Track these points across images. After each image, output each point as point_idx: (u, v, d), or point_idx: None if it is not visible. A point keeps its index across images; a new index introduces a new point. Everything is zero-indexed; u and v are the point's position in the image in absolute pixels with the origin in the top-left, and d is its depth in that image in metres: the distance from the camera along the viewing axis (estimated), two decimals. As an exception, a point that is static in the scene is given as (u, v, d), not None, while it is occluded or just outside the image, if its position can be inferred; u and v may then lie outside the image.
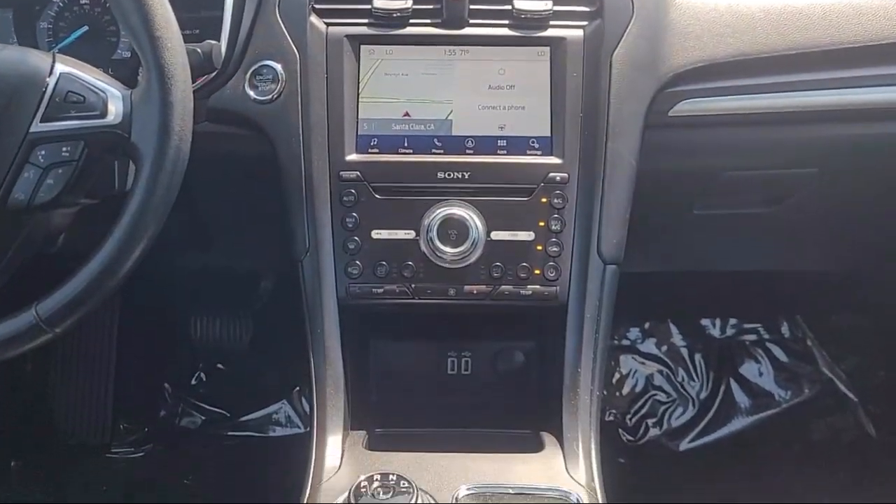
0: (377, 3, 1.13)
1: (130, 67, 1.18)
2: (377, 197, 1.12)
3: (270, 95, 1.14)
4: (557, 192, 1.12)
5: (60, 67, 0.89)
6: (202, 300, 1.98)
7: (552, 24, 1.14)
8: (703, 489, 1.82)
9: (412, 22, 1.15)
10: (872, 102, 1.23)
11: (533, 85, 1.15)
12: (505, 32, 1.15)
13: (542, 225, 1.12)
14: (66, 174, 0.88)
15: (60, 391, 1.92)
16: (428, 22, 1.15)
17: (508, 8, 1.14)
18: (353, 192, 1.12)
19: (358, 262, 1.12)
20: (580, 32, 1.14)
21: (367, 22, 1.15)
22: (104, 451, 1.92)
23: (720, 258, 1.80)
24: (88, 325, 1.91)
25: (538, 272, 1.12)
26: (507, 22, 1.15)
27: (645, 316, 2.09)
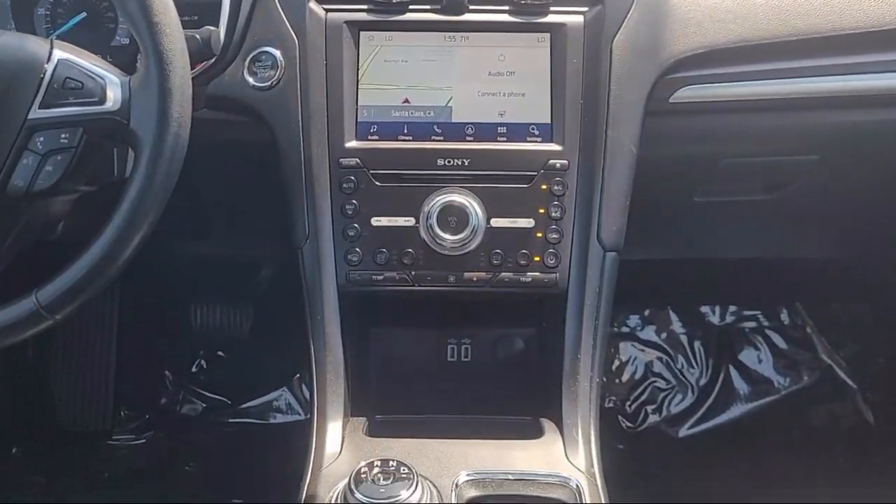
0: (377, -12, 1.13)
1: (129, 54, 1.17)
2: (377, 184, 1.12)
3: (269, 82, 1.13)
4: (557, 178, 1.12)
5: (58, 54, 0.89)
6: (202, 288, 1.98)
7: (552, 10, 1.14)
8: (702, 475, 1.83)
9: (412, 8, 1.14)
10: (874, 89, 1.22)
11: (533, 71, 1.14)
12: (505, 18, 1.14)
13: (542, 212, 1.12)
14: (64, 161, 0.87)
15: (61, 379, 1.92)
16: (427, 8, 1.15)
17: (508, -6, 1.14)
18: (352, 179, 1.12)
19: (358, 249, 1.12)
20: (580, 18, 1.14)
21: (366, 8, 1.14)
22: (105, 438, 1.93)
23: (720, 245, 1.80)
24: (89, 313, 1.92)
25: (538, 259, 1.12)
26: (507, 8, 1.14)
27: (645, 303, 2.09)
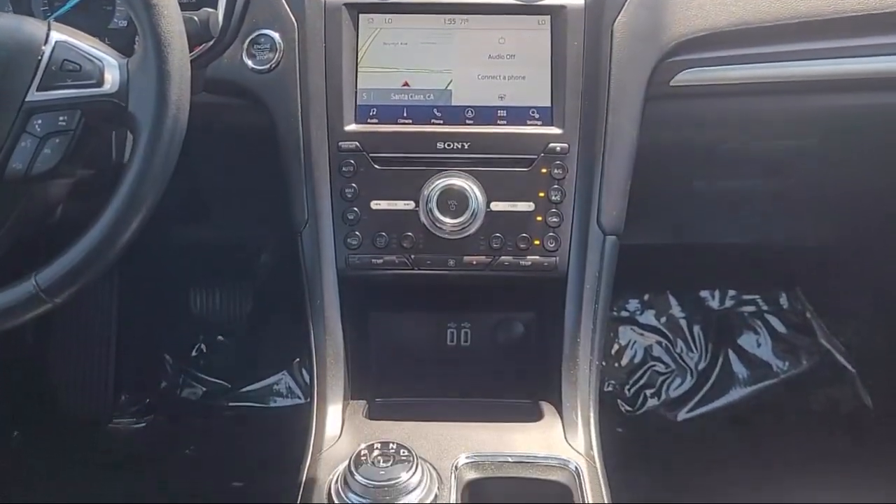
0: (376, -30, 1.12)
1: (127, 37, 1.16)
2: (376, 167, 1.12)
3: (268, 65, 1.13)
4: (557, 162, 1.12)
5: (56, 36, 0.88)
6: (202, 272, 1.98)
7: (553, -8, 1.13)
8: (700, 459, 1.83)
9: (411, -10, 1.14)
10: (875, 72, 1.22)
11: (533, 54, 1.14)
12: (505, 1, 1.14)
13: (541, 195, 1.12)
14: (63, 144, 0.87)
15: (61, 364, 1.93)
16: (427, -10, 1.14)
17: (509, -24, 1.13)
18: (352, 162, 1.12)
19: (357, 232, 1.12)
20: (581, 1, 1.13)
21: (365, -10, 1.14)
22: (106, 422, 1.93)
23: (720, 231, 1.80)
24: (88, 297, 1.92)
25: (538, 243, 1.12)
26: (507, -10, 1.14)
27: (644, 288, 2.09)
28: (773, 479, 1.71)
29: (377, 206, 1.12)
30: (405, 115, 1.14)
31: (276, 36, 1.13)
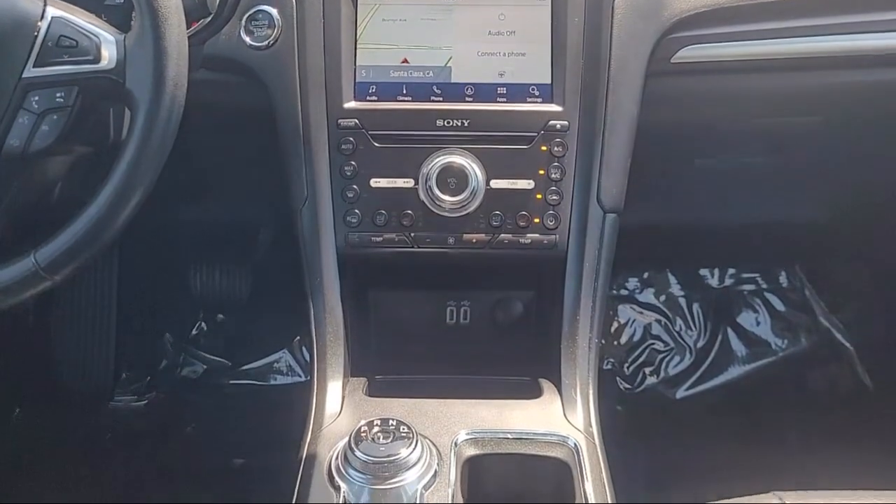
0: (375, -55, 1.11)
1: (124, 13, 1.15)
2: (375, 145, 1.11)
3: (266, 41, 1.12)
4: (557, 140, 1.11)
5: (52, 11, 0.88)
6: (201, 251, 1.98)
7: (553, -32, 1.12)
8: (698, 436, 1.84)
9: (410, -35, 1.13)
10: (878, 48, 1.21)
11: (533, 31, 1.13)
12: (505, -24, 1.13)
13: (541, 173, 1.11)
14: (60, 120, 0.87)
15: (62, 342, 1.93)
16: (427, -35, 1.13)
17: (508, -49, 1.12)
18: (351, 140, 1.11)
19: (357, 210, 1.12)
20: (582, -23, 1.12)
21: (364, -35, 1.13)
22: (106, 400, 1.94)
23: (720, 209, 1.80)
24: (89, 276, 1.92)
25: (538, 220, 1.12)
26: (507, -34, 1.13)
27: (644, 266, 2.10)
28: (770, 456, 1.72)
29: (376, 183, 1.12)
30: (404, 92, 1.13)
31: (274, 12, 1.12)
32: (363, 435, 0.91)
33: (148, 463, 1.80)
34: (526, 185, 1.11)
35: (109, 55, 0.87)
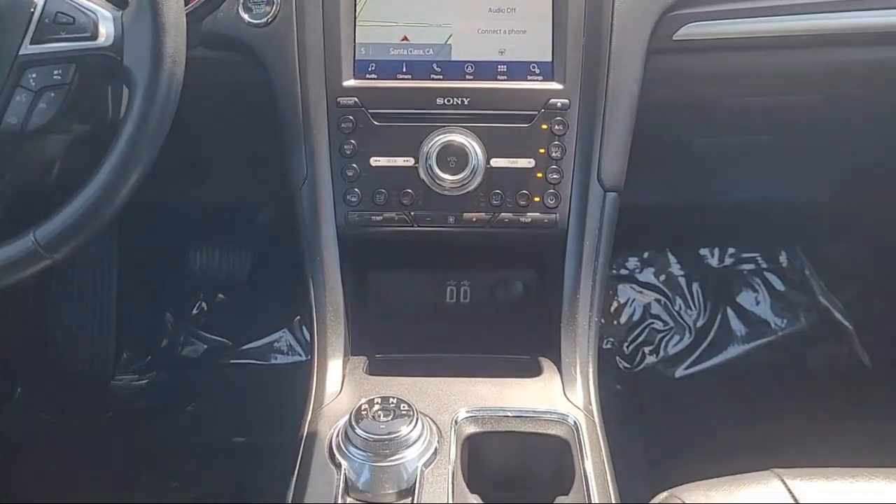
0: (374, -80, 1.10)
1: (121, -11, 1.14)
2: (375, 123, 1.11)
3: (265, 18, 1.11)
4: (558, 118, 1.11)
5: None
6: (201, 230, 1.98)
7: (555, -57, 1.11)
8: (697, 415, 1.85)
9: (410, -59, 1.11)
10: (880, 26, 1.20)
11: (534, 8, 1.12)
12: (506, -48, 1.12)
13: (542, 152, 1.11)
14: (58, 98, 0.86)
15: (63, 322, 1.94)
16: (426, -59, 1.12)
17: (510, -74, 1.11)
18: (350, 118, 1.10)
19: (356, 189, 1.12)
20: (583, -47, 1.11)
21: (363, -60, 1.11)
22: (108, 379, 1.95)
23: (720, 188, 1.79)
24: (89, 256, 1.92)
25: (538, 199, 1.11)
26: (508, -59, 1.12)
27: (644, 246, 2.09)
28: (769, 434, 1.73)
29: (376, 162, 1.11)
30: (404, 70, 1.12)
31: (272, -12, 1.11)
32: (364, 413, 0.91)
33: (149, 442, 1.81)
34: (526, 163, 1.11)
35: (107, 32, 0.87)
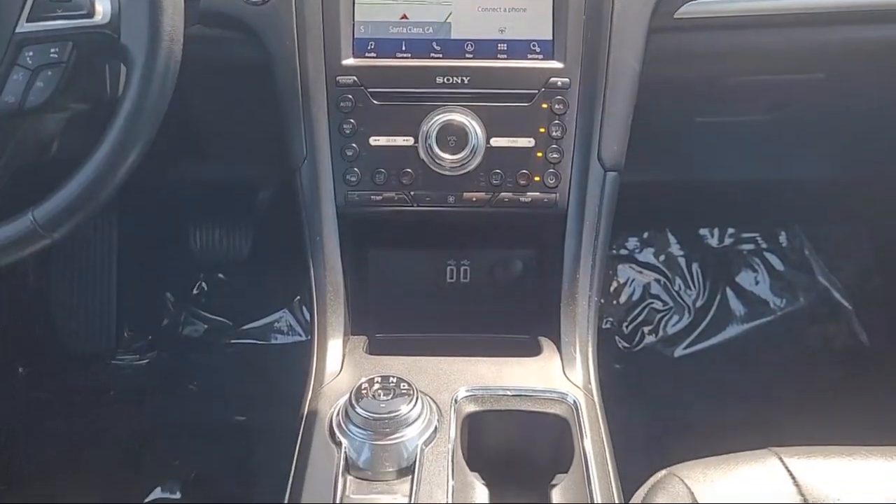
0: None
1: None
2: (375, 103, 1.10)
3: (264, -4, 1.10)
4: (558, 97, 1.10)
5: None
6: (202, 210, 1.98)
7: (556, -80, 1.10)
8: (696, 394, 1.86)
9: (410, -83, 1.10)
10: (882, 4, 1.19)
11: (535, -15, 1.11)
12: (506, -71, 1.11)
13: (542, 131, 1.10)
14: (55, 76, 0.86)
15: (64, 302, 1.94)
16: (426, -83, 1.11)
17: None
18: (350, 97, 1.10)
19: (356, 169, 1.11)
20: (584, -71, 1.10)
21: (362, -83, 1.10)
22: (108, 359, 1.95)
23: (720, 166, 1.79)
24: (89, 235, 1.92)
25: (538, 179, 1.11)
26: (509, -82, 1.11)
27: (643, 225, 2.09)
28: (768, 413, 1.74)
29: (376, 141, 1.11)
30: (404, 48, 1.11)
31: (271, -34, 1.10)
32: (364, 392, 0.91)
33: (150, 421, 1.82)
34: (526, 143, 1.11)
35: (104, 9, 0.86)
